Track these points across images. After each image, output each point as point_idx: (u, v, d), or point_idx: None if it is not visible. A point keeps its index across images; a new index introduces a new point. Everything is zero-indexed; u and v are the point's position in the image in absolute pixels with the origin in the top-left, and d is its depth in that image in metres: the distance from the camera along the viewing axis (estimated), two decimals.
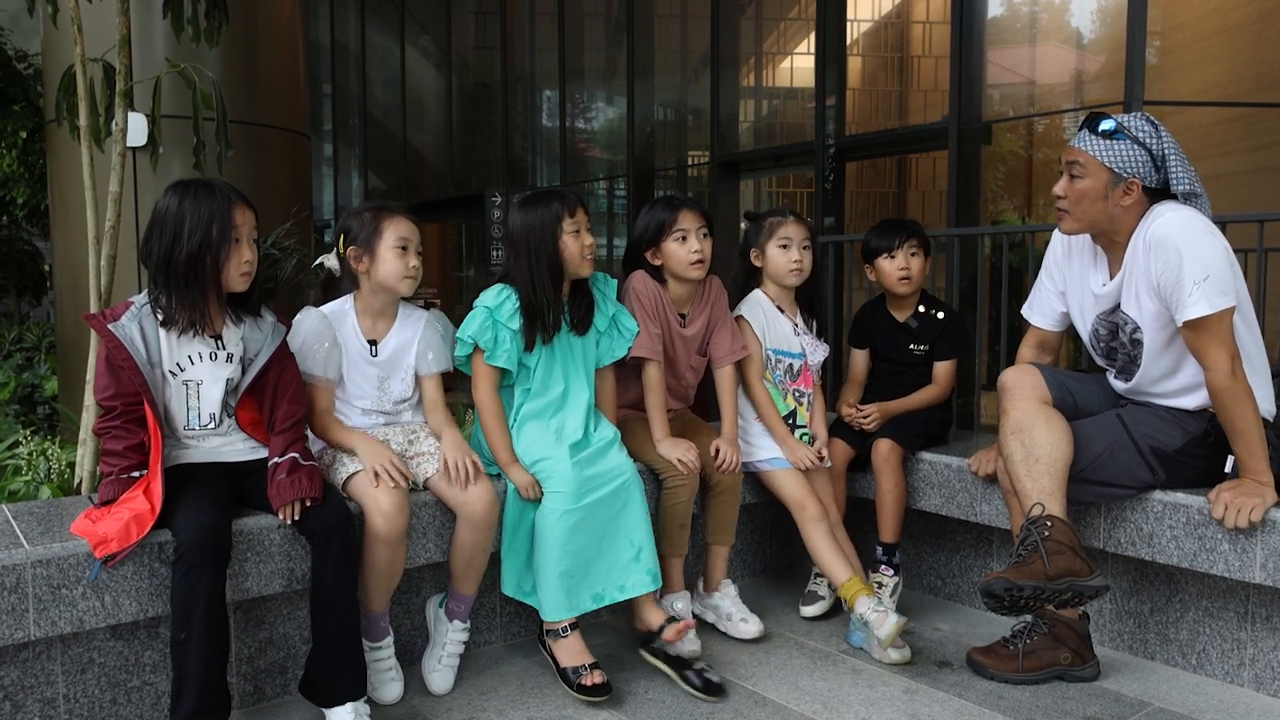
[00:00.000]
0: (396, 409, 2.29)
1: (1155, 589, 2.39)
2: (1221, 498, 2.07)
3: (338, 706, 1.94)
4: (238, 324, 2.02)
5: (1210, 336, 2.03)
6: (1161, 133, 2.13)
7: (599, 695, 2.13)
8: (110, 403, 1.92)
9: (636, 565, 2.23)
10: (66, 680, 1.92)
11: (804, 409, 2.67)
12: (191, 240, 1.88)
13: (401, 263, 2.18)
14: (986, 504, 2.54)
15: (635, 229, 2.54)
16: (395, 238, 2.18)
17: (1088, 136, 2.15)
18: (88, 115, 3.20)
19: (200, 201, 1.90)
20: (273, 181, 5.51)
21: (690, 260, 2.44)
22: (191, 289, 1.91)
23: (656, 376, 2.47)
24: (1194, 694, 2.21)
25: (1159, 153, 2.12)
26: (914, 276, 2.68)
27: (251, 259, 1.97)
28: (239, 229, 1.93)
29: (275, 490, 1.93)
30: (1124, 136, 2.11)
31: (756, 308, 2.64)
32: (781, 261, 2.58)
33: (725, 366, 2.59)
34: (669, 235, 2.45)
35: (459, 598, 2.26)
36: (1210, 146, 5.29)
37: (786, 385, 2.65)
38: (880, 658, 2.38)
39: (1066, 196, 2.17)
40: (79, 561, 1.82)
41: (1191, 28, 5.38)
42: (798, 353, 2.65)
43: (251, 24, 5.36)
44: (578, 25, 9.14)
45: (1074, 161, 2.16)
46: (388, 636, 2.18)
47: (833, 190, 6.43)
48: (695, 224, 2.45)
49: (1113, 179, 2.12)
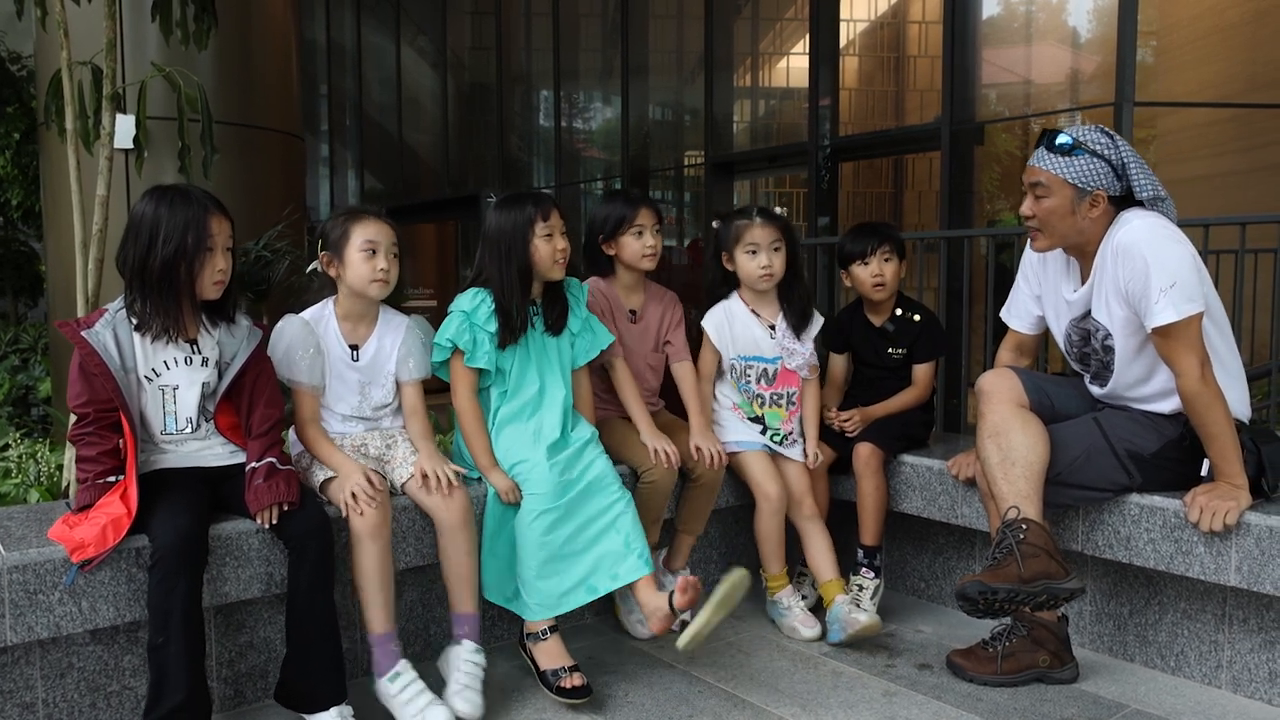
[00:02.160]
0: (377, 414, 2.30)
1: (1134, 591, 2.39)
2: (1197, 501, 2.08)
3: (321, 712, 1.94)
4: (213, 329, 2.03)
5: (1179, 342, 2.03)
6: (1118, 142, 2.13)
7: (578, 697, 2.14)
8: (84, 409, 1.92)
9: (629, 552, 2.23)
10: (45, 685, 1.93)
11: (783, 411, 2.67)
12: (166, 247, 1.89)
13: (369, 266, 2.17)
14: (967, 506, 2.54)
15: (594, 219, 2.62)
16: (362, 240, 2.17)
17: (1045, 155, 2.15)
18: (75, 118, 3.22)
19: (176, 209, 1.90)
20: (265, 183, 5.51)
21: (644, 253, 2.56)
22: (165, 295, 1.92)
23: (624, 371, 2.55)
24: (1171, 696, 2.22)
25: (1118, 162, 2.13)
26: (888, 282, 2.69)
27: (225, 268, 1.97)
28: (214, 238, 1.94)
29: (253, 495, 1.94)
30: (1082, 152, 2.11)
31: (722, 318, 2.66)
32: (750, 267, 2.59)
33: (682, 361, 2.66)
34: (627, 230, 2.55)
35: (460, 619, 2.18)
36: (1204, 147, 5.29)
37: (759, 391, 2.65)
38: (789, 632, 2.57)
39: (1035, 216, 2.18)
40: (56, 567, 1.83)
41: (1186, 28, 5.38)
42: (772, 357, 2.64)
43: (244, 25, 5.36)
44: (573, 26, 9.15)
45: (1036, 183, 2.16)
46: (399, 663, 2.02)
47: (828, 191, 6.44)
48: (651, 221, 2.57)
49: (1077, 194, 2.13)
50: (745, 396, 2.66)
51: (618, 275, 2.64)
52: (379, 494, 2.05)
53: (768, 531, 2.58)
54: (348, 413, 2.26)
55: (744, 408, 2.66)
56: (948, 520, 2.60)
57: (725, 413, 2.68)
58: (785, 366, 2.64)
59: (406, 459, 2.23)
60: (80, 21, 3.52)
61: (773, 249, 2.57)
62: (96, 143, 3.31)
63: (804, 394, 2.68)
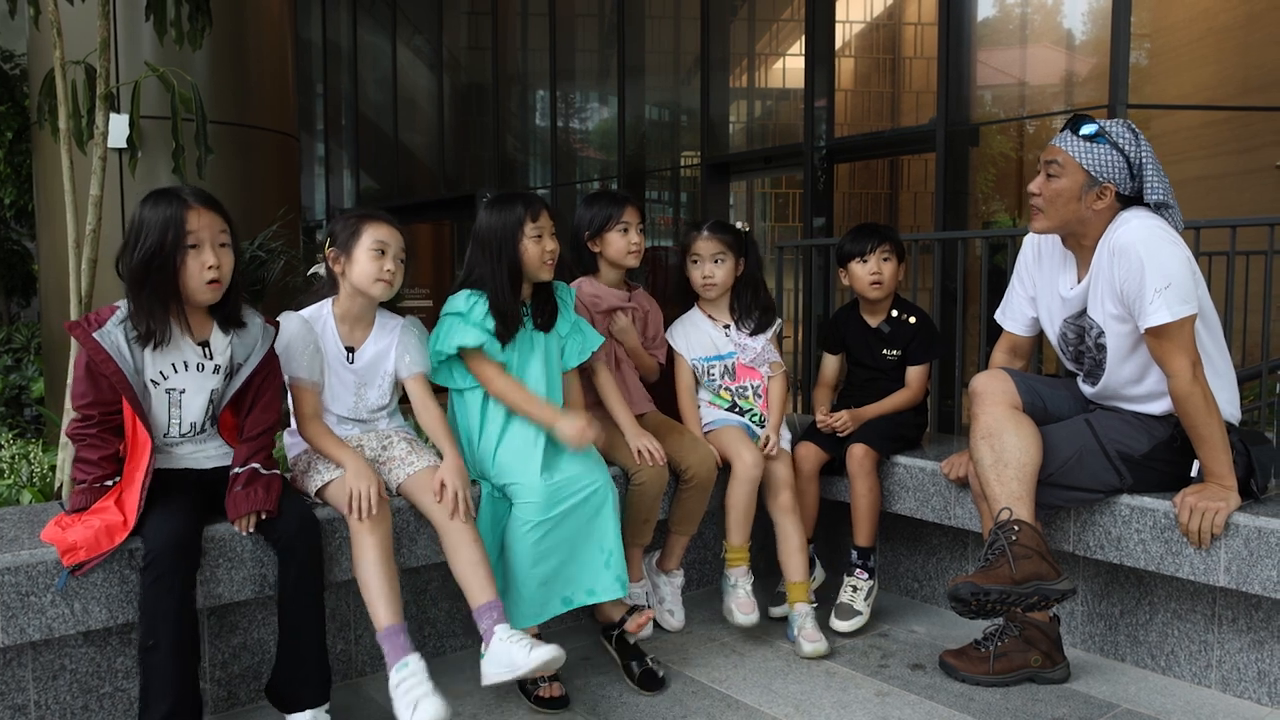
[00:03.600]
0: (372, 416, 2.30)
1: (1126, 592, 2.40)
2: (1186, 501, 2.09)
3: (297, 713, 1.94)
4: (225, 332, 2.00)
5: (1172, 343, 2.04)
6: (1141, 141, 2.14)
7: (555, 708, 2.15)
8: (88, 410, 1.90)
9: (606, 571, 2.25)
10: (38, 687, 1.93)
11: (751, 399, 2.73)
12: (144, 245, 1.86)
13: (376, 265, 2.18)
14: (960, 507, 2.55)
15: (580, 217, 2.66)
16: (373, 240, 2.18)
17: (1069, 137, 2.17)
18: (68, 118, 3.21)
19: (157, 208, 1.88)
20: (260, 183, 5.51)
21: (629, 250, 2.62)
22: (150, 297, 1.88)
23: (606, 374, 2.58)
24: (1162, 695, 2.23)
25: (1136, 161, 2.14)
26: (885, 281, 2.70)
27: (217, 264, 1.90)
28: (195, 233, 1.88)
29: (231, 502, 1.93)
30: (1104, 141, 2.13)
31: (679, 328, 2.77)
32: (695, 276, 2.72)
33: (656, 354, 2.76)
34: (613, 227, 2.60)
35: (483, 610, 2.05)
36: (1199, 149, 5.31)
37: (725, 384, 2.73)
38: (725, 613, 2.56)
39: (1041, 194, 2.19)
40: (48, 569, 1.82)
41: (1179, 30, 5.40)
42: (728, 353, 2.72)
43: (239, 24, 5.35)
44: (569, 26, 9.15)
45: (1052, 160, 2.18)
46: (408, 655, 1.93)
47: (823, 192, 6.44)
48: (635, 219, 2.63)
49: (1088, 182, 2.14)
50: (714, 392, 2.74)
51: (602, 273, 2.69)
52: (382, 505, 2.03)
53: (736, 499, 2.56)
54: (343, 414, 2.26)
55: (718, 402, 2.74)
56: (941, 521, 2.61)
57: (703, 408, 2.75)
58: (740, 362, 2.71)
59: (404, 460, 2.22)
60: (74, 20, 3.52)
61: (714, 260, 2.66)
62: (90, 142, 3.30)
63: (770, 387, 2.72)
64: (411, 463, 2.20)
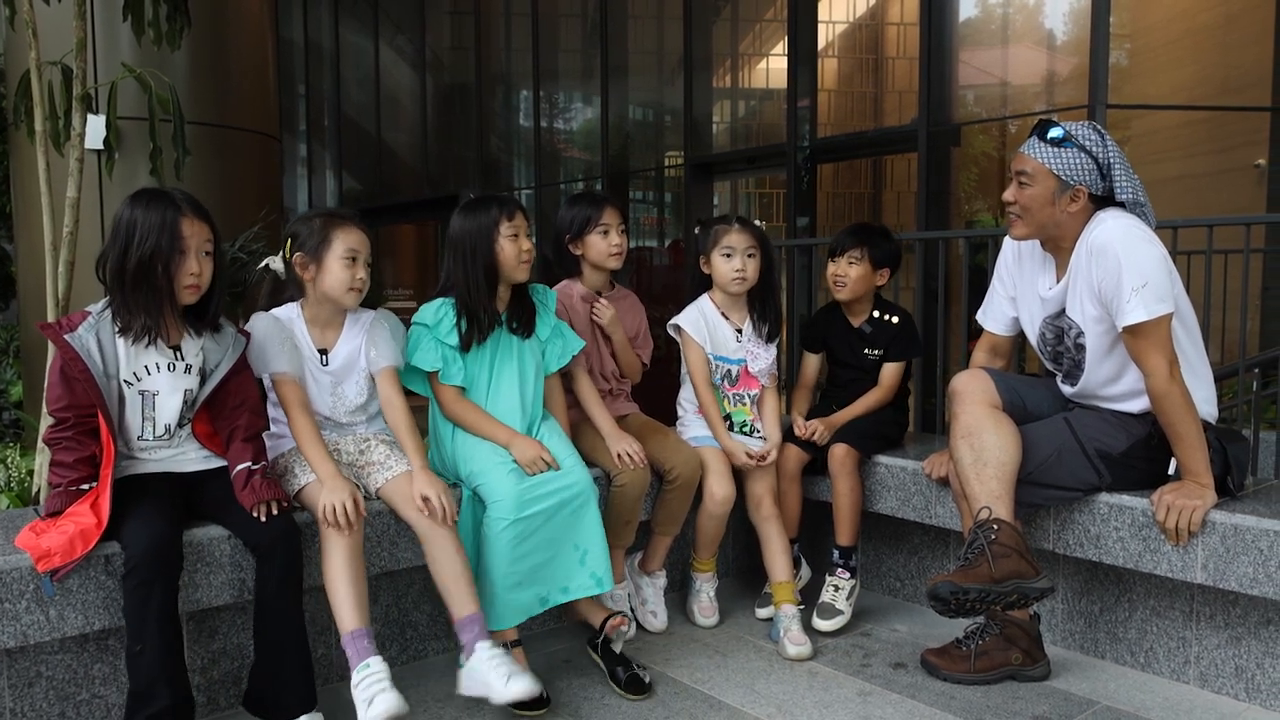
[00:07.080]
0: (351, 419, 2.28)
1: (1105, 589, 2.42)
2: (1164, 499, 2.11)
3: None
4: (196, 336, 2.01)
5: (1148, 342, 2.06)
6: (1108, 142, 2.16)
7: (533, 710, 2.14)
8: (63, 414, 1.90)
9: (581, 569, 2.25)
10: (13, 694, 1.90)
11: (747, 408, 2.70)
12: (143, 247, 1.87)
13: (348, 274, 2.16)
14: (941, 506, 2.56)
15: (561, 219, 2.65)
16: (344, 248, 2.16)
17: (1036, 144, 2.18)
18: (44, 119, 3.18)
19: (152, 209, 1.89)
20: (240, 184, 5.47)
21: (610, 252, 2.61)
22: (146, 296, 1.90)
23: (585, 377, 2.58)
24: (1141, 692, 2.24)
25: (1105, 161, 2.15)
26: (850, 284, 2.71)
27: (199, 272, 1.94)
28: (186, 240, 1.91)
29: (250, 490, 1.93)
30: (1071, 145, 2.14)
31: (696, 315, 2.66)
32: (724, 270, 2.62)
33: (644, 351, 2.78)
34: (593, 229, 2.59)
35: (465, 623, 2.05)
36: (1177, 149, 5.35)
37: (724, 389, 2.68)
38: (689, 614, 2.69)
39: (1017, 202, 2.20)
40: (23, 575, 1.80)
41: (1159, 31, 5.45)
42: (736, 359, 2.67)
43: (219, 24, 5.32)
44: (552, 26, 9.13)
45: (1021, 170, 2.19)
46: (370, 658, 1.91)
47: (807, 192, 6.46)
48: (616, 220, 2.62)
49: (1060, 186, 2.15)
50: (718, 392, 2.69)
51: (585, 275, 2.68)
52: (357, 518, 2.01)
53: (704, 528, 2.63)
54: (321, 417, 2.25)
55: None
56: (922, 520, 2.62)
57: (689, 417, 2.71)
58: (748, 370, 2.67)
59: (383, 464, 2.20)
60: (50, 21, 3.48)
61: (747, 255, 2.60)
62: (66, 144, 3.27)
63: (763, 399, 2.71)
64: (390, 467, 2.19)
